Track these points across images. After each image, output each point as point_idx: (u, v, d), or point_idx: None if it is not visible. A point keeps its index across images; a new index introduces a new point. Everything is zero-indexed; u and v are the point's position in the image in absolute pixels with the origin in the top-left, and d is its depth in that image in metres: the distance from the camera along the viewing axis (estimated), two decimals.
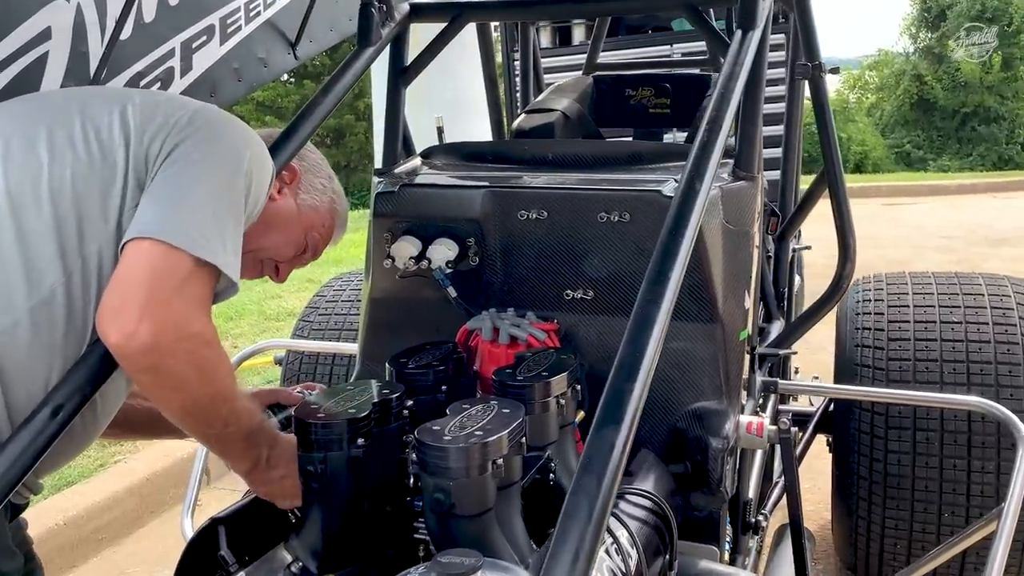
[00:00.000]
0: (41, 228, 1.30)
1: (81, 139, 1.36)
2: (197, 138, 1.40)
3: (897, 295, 2.69)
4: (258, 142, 1.50)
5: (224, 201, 1.36)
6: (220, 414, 1.35)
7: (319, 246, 1.75)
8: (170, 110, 1.43)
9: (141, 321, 1.20)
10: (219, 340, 1.33)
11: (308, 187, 1.71)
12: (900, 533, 2.52)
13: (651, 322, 1.15)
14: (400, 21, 2.14)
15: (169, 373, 1.25)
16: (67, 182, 1.33)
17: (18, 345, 1.28)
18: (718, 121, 1.49)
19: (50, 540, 3.13)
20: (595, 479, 0.97)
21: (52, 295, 1.30)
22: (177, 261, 1.26)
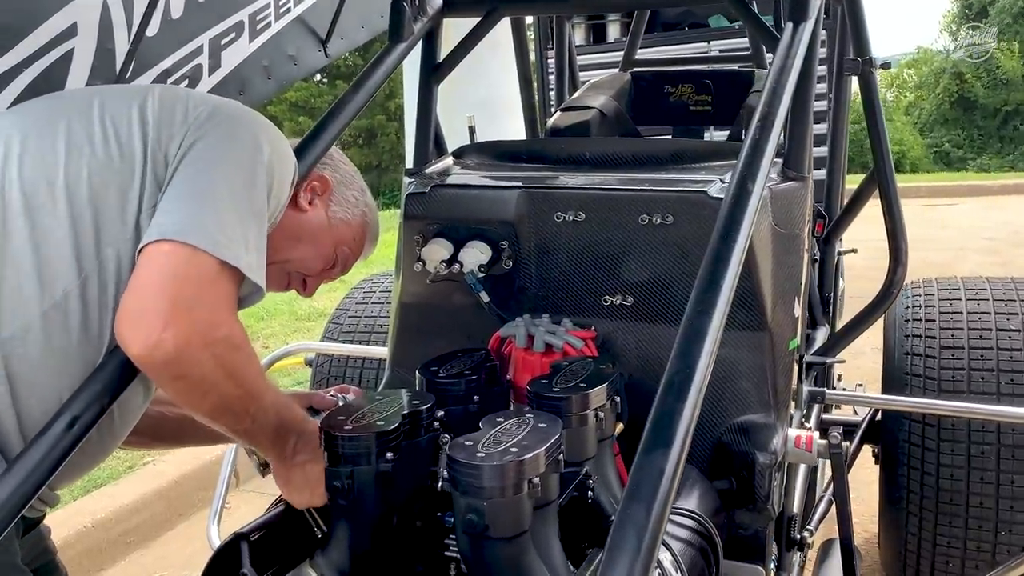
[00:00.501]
0: (56, 227, 1.25)
1: (100, 135, 1.31)
2: (217, 135, 1.34)
3: (949, 301, 2.58)
4: (280, 138, 1.44)
5: (246, 201, 1.29)
6: (249, 411, 1.30)
7: (349, 261, 1.68)
8: (190, 106, 1.37)
9: (165, 329, 1.14)
10: (248, 340, 1.27)
11: (340, 199, 1.64)
12: (952, 551, 2.40)
13: (702, 335, 1.07)
14: (432, 16, 2.07)
15: (197, 379, 1.19)
16: (83, 179, 1.27)
17: (30, 352, 1.22)
18: (770, 118, 1.40)
19: (78, 543, 3.12)
20: (643, 508, 0.89)
21: (66, 299, 1.24)
22: (200, 264, 1.20)
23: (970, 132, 26.01)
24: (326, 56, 2.75)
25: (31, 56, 1.81)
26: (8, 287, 1.22)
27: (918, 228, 10.04)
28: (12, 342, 1.21)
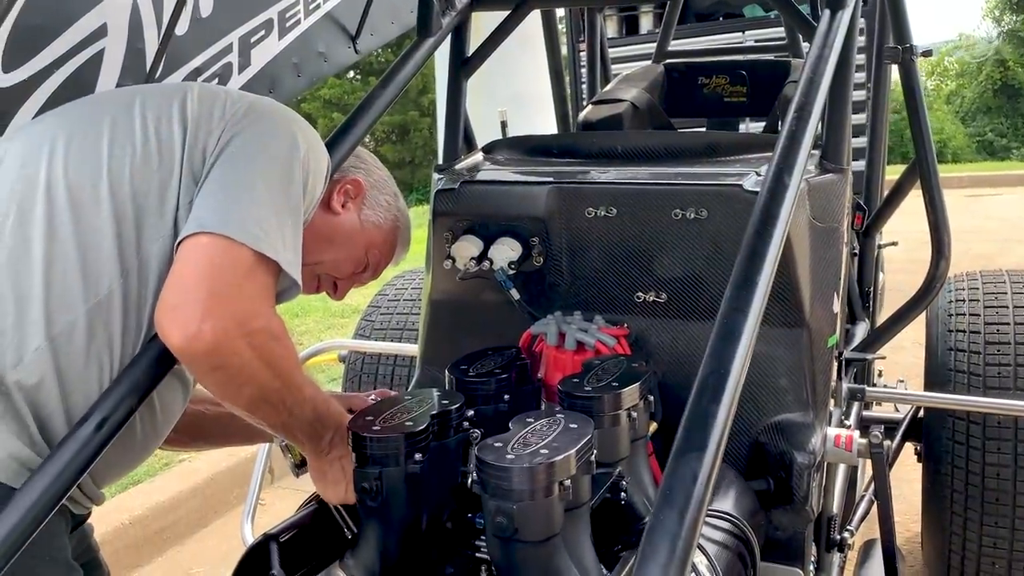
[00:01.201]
0: (100, 225, 1.26)
1: (141, 134, 1.32)
2: (253, 131, 1.34)
3: (995, 295, 2.50)
4: (313, 134, 1.44)
5: (282, 196, 1.30)
6: (286, 404, 1.30)
7: (380, 265, 1.68)
8: (227, 103, 1.38)
9: (204, 320, 1.15)
10: (286, 332, 1.27)
11: (373, 203, 1.64)
12: (999, 552, 2.34)
13: (737, 333, 1.03)
14: (461, 10, 2.04)
15: (236, 370, 1.20)
16: (126, 177, 1.29)
17: (75, 348, 1.24)
18: (807, 108, 1.35)
19: (115, 539, 3.16)
20: (676, 515, 0.85)
21: (109, 295, 1.26)
22: (237, 256, 1.20)
23: (1014, 121, 25.41)
24: (356, 52, 2.74)
25: (62, 56, 1.82)
26: (56, 285, 1.24)
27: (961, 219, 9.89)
28: (60, 339, 1.23)
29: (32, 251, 1.23)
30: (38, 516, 1.12)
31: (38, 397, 1.22)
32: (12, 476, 1.18)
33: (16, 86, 1.73)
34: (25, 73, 1.74)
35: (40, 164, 1.29)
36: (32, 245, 1.23)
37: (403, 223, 1.70)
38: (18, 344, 1.21)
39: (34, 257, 1.23)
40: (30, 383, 1.21)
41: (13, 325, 1.21)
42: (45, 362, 1.22)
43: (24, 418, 1.21)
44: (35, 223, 1.24)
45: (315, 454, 1.42)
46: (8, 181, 1.28)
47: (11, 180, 1.28)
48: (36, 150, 1.30)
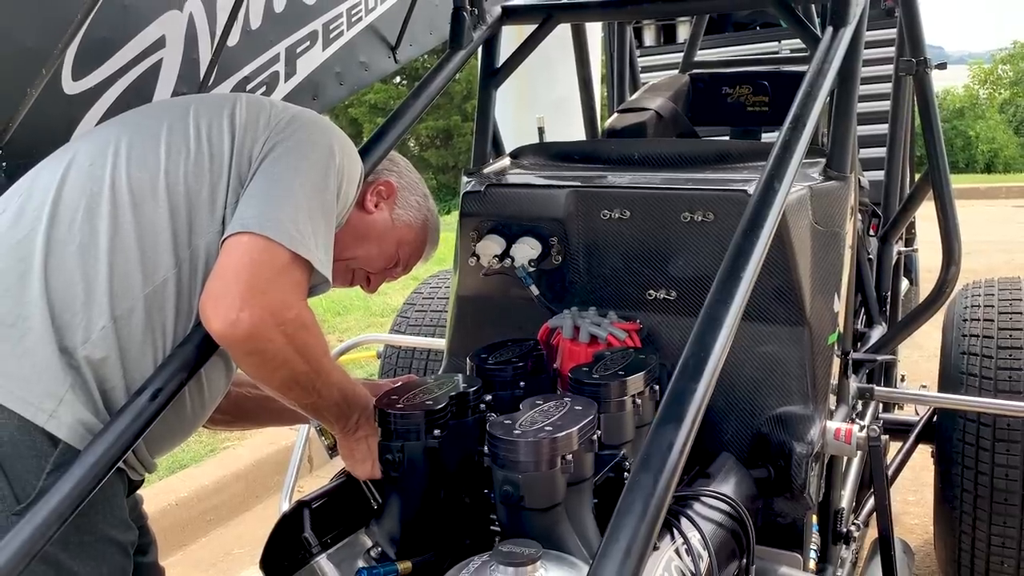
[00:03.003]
0: (158, 221, 1.41)
1: (194, 139, 1.47)
2: (295, 140, 1.48)
3: (1009, 301, 2.56)
4: (350, 145, 1.58)
5: (318, 200, 1.43)
6: (316, 387, 1.44)
7: (410, 261, 1.82)
8: (272, 113, 1.53)
9: (242, 309, 1.29)
10: (316, 322, 1.41)
11: (404, 203, 1.77)
12: (1008, 551, 2.40)
13: (719, 322, 1.14)
14: (492, 24, 2.18)
15: (270, 355, 1.34)
16: (180, 179, 1.43)
17: (134, 329, 1.39)
18: (802, 119, 1.46)
19: (163, 519, 3.33)
20: (652, 477, 0.97)
21: (164, 284, 1.40)
22: (274, 254, 1.34)
23: None
24: (395, 62, 2.89)
25: (125, 66, 1.98)
26: (118, 272, 1.38)
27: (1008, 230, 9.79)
28: (121, 320, 1.37)
29: (99, 242, 1.38)
30: (99, 474, 1.27)
31: (103, 371, 1.37)
32: (79, 440, 1.33)
33: (83, 93, 1.90)
34: (92, 81, 1.91)
35: (106, 165, 1.43)
36: (99, 237, 1.38)
37: (432, 222, 1.83)
38: (87, 324, 1.35)
39: (100, 248, 1.38)
40: (97, 358, 1.36)
41: (83, 305, 1.36)
42: (109, 340, 1.36)
43: (92, 391, 1.35)
44: (101, 217, 1.39)
45: (343, 433, 1.56)
46: (79, 179, 1.43)
47: (81, 178, 1.43)
48: (102, 152, 1.46)
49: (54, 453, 1.31)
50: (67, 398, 1.33)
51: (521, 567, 1.09)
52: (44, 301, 1.34)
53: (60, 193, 1.41)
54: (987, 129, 23.97)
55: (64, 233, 1.38)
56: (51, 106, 1.80)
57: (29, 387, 1.31)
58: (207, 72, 2.14)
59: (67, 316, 1.35)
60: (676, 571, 1.33)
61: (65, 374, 1.33)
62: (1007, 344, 2.44)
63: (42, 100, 1.69)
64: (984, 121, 24.36)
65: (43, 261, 1.36)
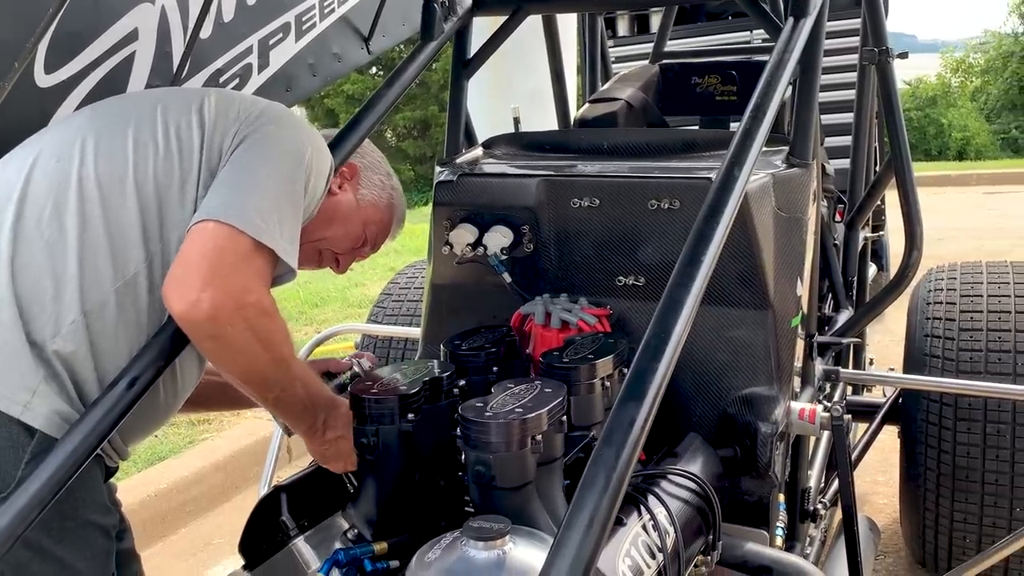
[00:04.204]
0: (127, 216, 1.43)
1: (163, 135, 1.48)
2: (264, 132, 1.51)
3: (971, 284, 2.63)
4: (318, 138, 1.61)
5: (285, 191, 1.46)
6: (278, 378, 1.45)
7: (378, 240, 1.85)
8: (242, 107, 1.55)
9: (203, 290, 1.31)
10: (277, 310, 1.43)
11: (368, 183, 1.80)
12: (969, 527, 2.47)
13: (680, 304, 1.19)
14: (462, 15, 2.20)
15: (230, 339, 1.35)
16: (150, 174, 1.45)
17: (106, 323, 1.41)
18: (762, 109, 1.50)
19: (142, 510, 3.35)
20: (614, 452, 1.02)
21: (135, 278, 1.43)
22: (238, 241, 1.36)
23: None
24: (369, 53, 2.90)
25: (98, 59, 1.99)
26: (88, 266, 1.40)
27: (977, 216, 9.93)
28: (91, 315, 1.39)
29: (67, 238, 1.40)
30: (78, 460, 1.30)
31: (74, 364, 1.39)
32: (56, 429, 1.35)
33: (57, 86, 1.91)
34: (65, 74, 1.92)
35: (73, 160, 1.45)
36: (67, 233, 1.40)
37: (397, 200, 1.86)
38: (56, 318, 1.37)
39: (69, 243, 1.39)
40: (67, 351, 1.38)
41: (52, 300, 1.38)
42: (80, 334, 1.38)
43: (65, 382, 1.38)
44: (70, 213, 1.40)
45: (310, 437, 1.56)
46: (46, 175, 1.44)
47: (48, 174, 1.44)
48: (69, 147, 1.47)
49: (31, 443, 1.34)
50: (41, 390, 1.35)
51: (490, 541, 1.13)
52: (12, 296, 1.36)
53: (26, 190, 1.42)
54: (959, 117, 24.26)
55: (31, 230, 1.40)
56: (24, 99, 1.80)
57: (2, 380, 1.34)
58: (180, 65, 2.15)
59: (36, 310, 1.37)
60: (643, 546, 1.38)
61: (37, 366, 1.36)
62: (968, 326, 2.50)
63: (15, 93, 1.69)
64: (956, 109, 24.66)
65: (10, 258, 1.38)
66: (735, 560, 1.62)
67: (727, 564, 1.61)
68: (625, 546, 1.34)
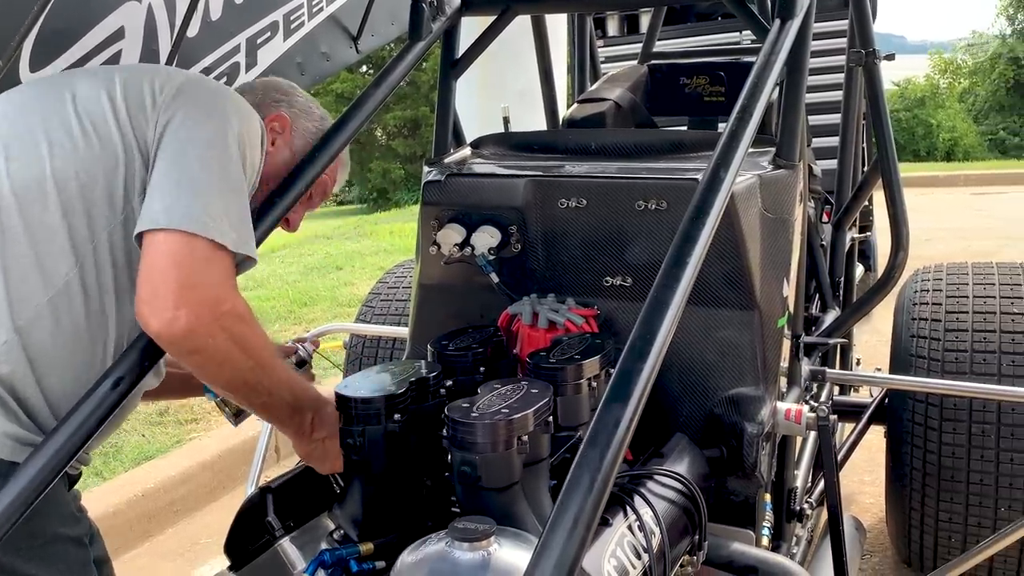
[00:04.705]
0: (49, 222, 1.36)
1: (78, 128, 1.41)
2: (186, 114, 1.42)
3: (956, 285, 2.64)
4: (244, 106, 1.53)
5: (223, 176, 1.39)
6: (264, 383, 1.43)
7: (326, 187, 1.79)
8: (156, 87, 1.46)
9: (177, 307, 1.28)
10: (252, 314, 1.40)
11: (301, 132, 1.72)
12: (955, 527, 2.48)
13: (665, 305, 1.19)
14: (451, 15, 2.20)
15: (212, 351, 1.33)
16: (70, 174, 1.38)
17: (43, 336, 1.36)
18: (748, 110, 1.50)
19: (129, 510, 3.34)
20: (598, 453, 1.02)
21: (67, 285, 1.37)
22: (194, 246, 1.32)
23: None
24: (357, 52, 2.90)
25: (83, 57, 1.98)
26: (14, 280, 1.35)
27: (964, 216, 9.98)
28: (25, 329, 1.35)
29: None
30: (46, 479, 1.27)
31: (15, 384, 1.35)
32: (8, 452, 1.32)
33: None
34: (50, 72, 1.91)
35: None
36: None
37: None
38: None
39: None
40: (4, 373, 1.33)
41: None
42: (15, 353, 1.34)
43: (8, 404, 1.34)
44: None
45: (298, 437, 1.55)
46: None
47: None
48: None
49: None
50: None
51: (475, 542, 1.13)
52: None
53: None
54: (947, 118, 24.42)
55: None
56: None
57: None
58: (167, 63, 2.14)
59: None
60: (629, 546, 1.38)
61: None
62: (954, 327, 2.52)
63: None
64: (944, 110, 24.81)
65: None
66: (721, 560, 1.62)
67: (713, 564, 1.62)
68: (611, 547, 1.34)
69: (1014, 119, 25.25)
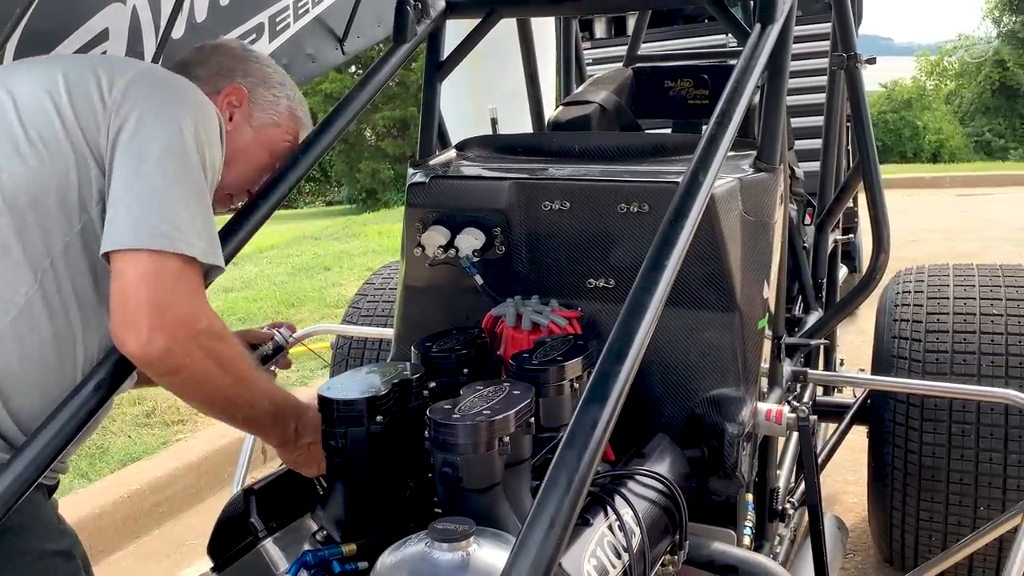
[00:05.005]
0: (2, 241, 1.31)
1: (24, 141, 1.34)
2: (139, 119, 1.35)
3: (937, 287, 2.67)
4: (198, 99, 1.45)
5: (183, 184, 1.34)
6: (244, 397, 1.42)
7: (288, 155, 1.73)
8: (103, 86, 1.38)
9: (152, 330, 1.26)
10: (227, 330, 1.39)
11: (261, 104, 1.65)
12: (935, 525, 2.51)
13: (644, 308, 1.20)
14: (436, 18, 2.21)
15: (190, 371, 1.31)
16: (21, 188, 1.32)
17: (9, 359, 1.32)
18: (728, 114, 1.52)
19: (115, 512, 3.33)
20: (576, 454, 1.03)
21: (28, 304, 1.33)
22: (162, 264, 1.29)
23: (1012, 121, 25.56)
24: (343, 54, 2.91)
25: None
26: None
27: (950, 218, 10.06)
28: None
29: None
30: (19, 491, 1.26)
31: None
32: None
33: None
34: None
35: None
36: None
37: (298, 108, 1.72)
38: None
39: None
40: None
41: None
42: None
43: None
44: None
45: (283, 446, 1.55)
46: None
47: None
48: None
49: None
50: None
51: (455, 543, 1.14)
52: None
53: None
54: (934, 120, 24.61)
55: None
56: None
57: None
58: None
59: None
60: (609, 546, 1.39)
61: None
62: (935, 328, 2.54)
63: None
64: (931, 112, 25.00)
65: None
66: (702, 560, 1.64)
67: (694, 563, 1.63)
68: (591, 546, 1.36)
69: (999, 121, 25.46)
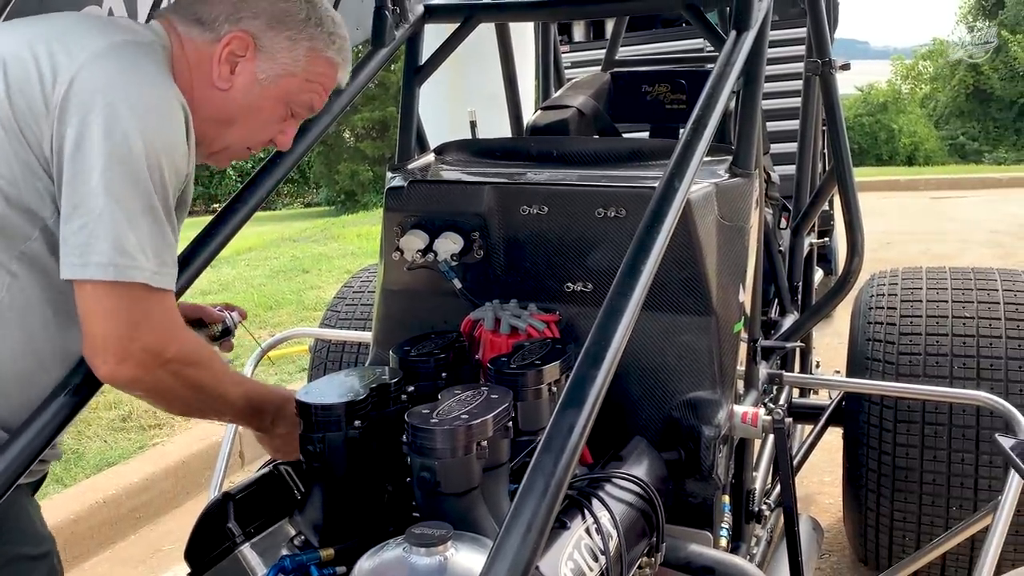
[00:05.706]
0: None
1: None
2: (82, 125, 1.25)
3: (911, 290, 2.70)
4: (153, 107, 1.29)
5: (131, 200, 1.26)
6: (216, 407, 1.47)
7: (315, 102, 1.54)
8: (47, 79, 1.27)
9: (121, 360, 1.27)
10: (200, 350, 1.40)
11: (270, 50, 1.43)
12: (908, 526, 2.54)
13: (620, 313, 1.21)
14: (414, 22, 2.22)
15: (163, 391, 1.35)
16: None
17: None
18: (703, 121, 1.54)
19: (90, 517, 3.30)
20: (552, 458, 1.04)
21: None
22: (117, 295, 1.26)
23: (986, 124, 25.90)
24: None
25: None
26: None
27: (926, 221, 10.17)
28: None
29: None
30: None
31: None
32: None
33: None
34: None
35: None
36: None
37: (326, 49, 1.48)
38: None
39: None
40: None
41: None
42: None
43: None
44: None
45: (261, 435, 1.59)
46: None
47: None
48: None
49: None
50: None
51: (432, 547, 1.14)
52: None
53: None
54: (909, 123, 24.88)
55: None
56: None
57: None
58: None
59: None
60: (586, 549, 1.40)
61: None
62: (908, 331, 2.57)
63: None
64: (906, 115, 25.28)
65: None
66: (678, 561, 1.65)
67: (670, 565, 1.65)
68: (568, 549, 1.37)
69: (973, 124, 25.79)
